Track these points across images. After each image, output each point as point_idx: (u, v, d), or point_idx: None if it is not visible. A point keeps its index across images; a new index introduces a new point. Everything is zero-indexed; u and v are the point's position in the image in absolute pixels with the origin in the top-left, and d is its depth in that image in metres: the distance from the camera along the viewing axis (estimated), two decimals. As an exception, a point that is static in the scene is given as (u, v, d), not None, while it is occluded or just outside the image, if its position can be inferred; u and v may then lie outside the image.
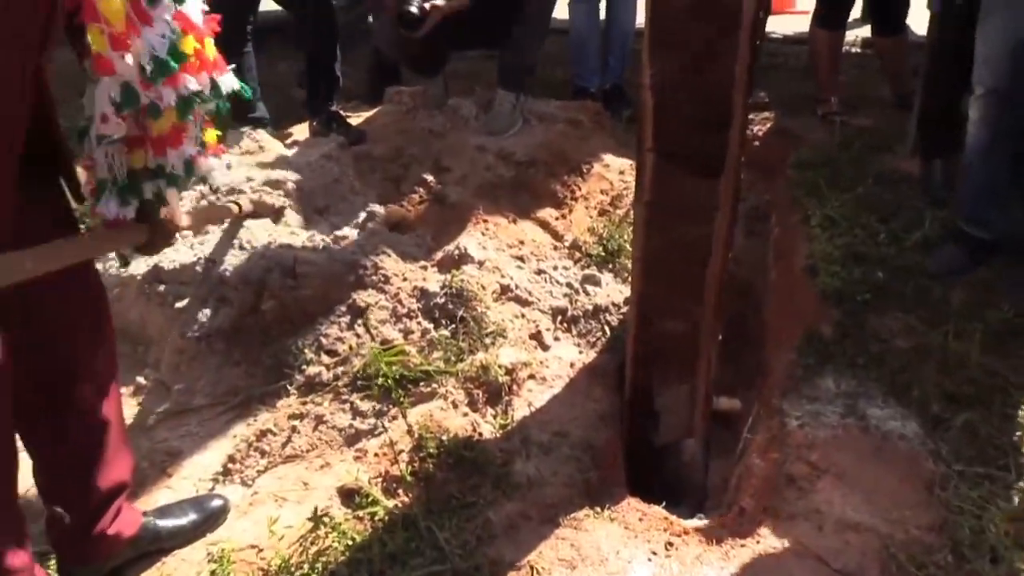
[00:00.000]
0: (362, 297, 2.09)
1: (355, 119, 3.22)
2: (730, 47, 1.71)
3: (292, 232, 2.30)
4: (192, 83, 1.35)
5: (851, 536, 1.66)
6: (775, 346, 2.35)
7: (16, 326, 1.18)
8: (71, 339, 1.36)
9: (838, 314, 2.26)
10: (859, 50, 4.38)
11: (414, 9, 2.66)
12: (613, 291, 2.36)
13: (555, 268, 2.41)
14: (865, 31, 4.17)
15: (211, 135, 1.55)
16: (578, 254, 2.54)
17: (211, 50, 1.39)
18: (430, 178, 2.69)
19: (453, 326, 2.06)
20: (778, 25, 5.17)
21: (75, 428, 1.43)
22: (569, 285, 2.35)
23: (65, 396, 1.40)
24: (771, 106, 3.69)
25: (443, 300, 2.10)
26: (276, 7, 3.17)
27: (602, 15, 3.60)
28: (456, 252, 2.29)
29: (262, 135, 2.83)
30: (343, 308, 2.09)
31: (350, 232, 2.35)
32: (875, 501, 1.74)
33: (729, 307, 2.50)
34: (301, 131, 3.21)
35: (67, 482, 1.46)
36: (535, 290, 2.30)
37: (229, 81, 1.45)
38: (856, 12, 3.71)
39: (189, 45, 1.32)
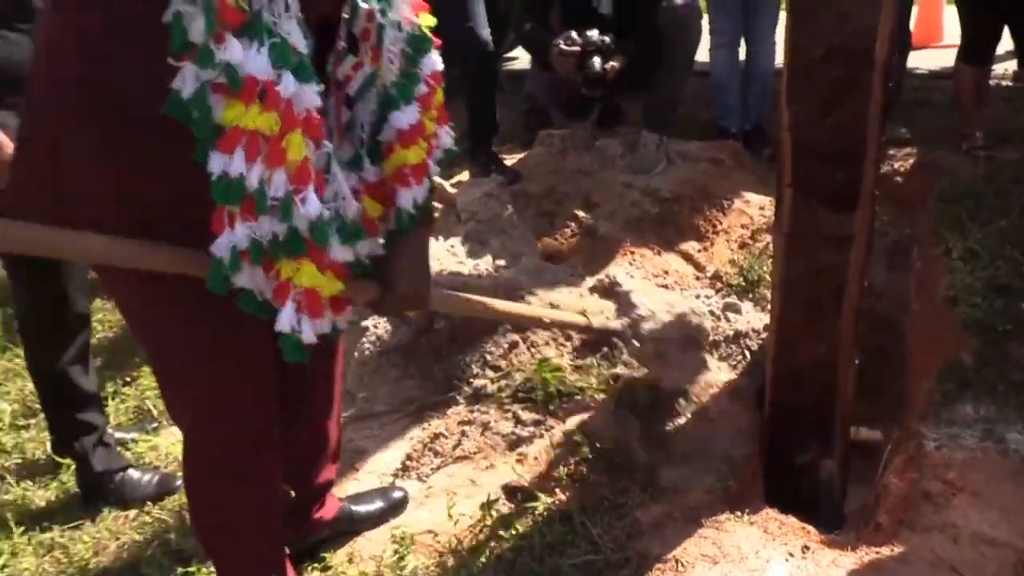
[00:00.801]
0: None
1: (510, 160, 3.52)
2: (863, 88, 1.87)
3: (460, 262, 2.59)
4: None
5: (986, 549, 1.74)
6: (916, 376, 2.43)
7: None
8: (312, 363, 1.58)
9: (979, 344, 2.32)
10: (1008, 83, 4.32)
11: (597, 69, 2.93)
12: (753, 318, 2.51)
13: (697, 296, 2.59)
14: (1013, 64, 4.12)
15: None
16: (719, 284, 2.72)
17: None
18: (581, 213, 2.94)
19: (605, 348, 2.28)
20: (924, 60, 5.13)
21: (306, 436, 1.73)
22: (711, 312, 2.52)
23: (301, 410, 1.66)
24: (913, 142, 3.73)
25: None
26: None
27: (741, 57, 3.78)
28: (606, 280, 2.51)
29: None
30: (505, 329, 2.35)
31: (511, 262, 2.62)
32: (1012, 519, 1.80)
33: (870, 340, 2.61)
34: (464, 174, 3.54)
35: (292, 478, 1.76)
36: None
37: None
38: (1005, 44, 3.71)
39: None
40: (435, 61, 1.36)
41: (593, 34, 2.99)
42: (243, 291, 1.14)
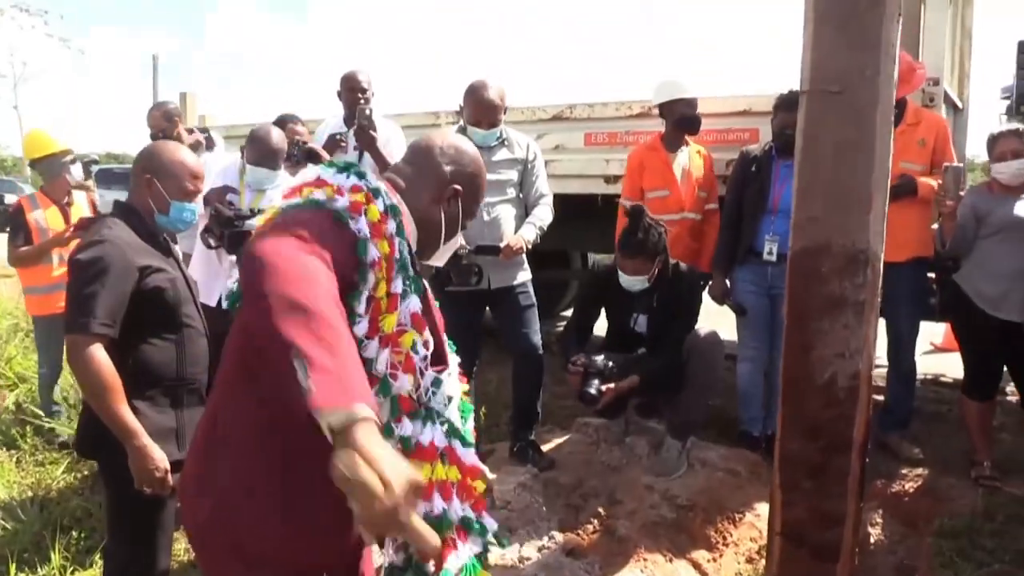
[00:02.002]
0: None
1: (546, 444, 3.90)
2: (842, 465, 2.22)
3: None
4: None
5: None
6: None
7: None
8: None
9: None
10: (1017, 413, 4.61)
11: (592, 391, 3.39)
12: (751, 636, 2.73)
13: (703, 608, 2.83)
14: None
15: None
16: (724, 597, 2.95)
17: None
18: (603, 511, 3.25)
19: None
20: (950, 366, 5.48)
21: None
22: (714, 627, 2.75)
23: None
24: (924, 463, 4.01)
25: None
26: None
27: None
28: (618, 586, 2.78)
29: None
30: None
31: (533, 555, 2.92)
32: None
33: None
34: (502, 448, 3.92)
35: None
36: (683, 627, 2.72)
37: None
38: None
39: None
40: None
41: (598, 359, 3.49)
42: None
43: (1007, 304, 3.57)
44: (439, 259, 1.69)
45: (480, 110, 3.67)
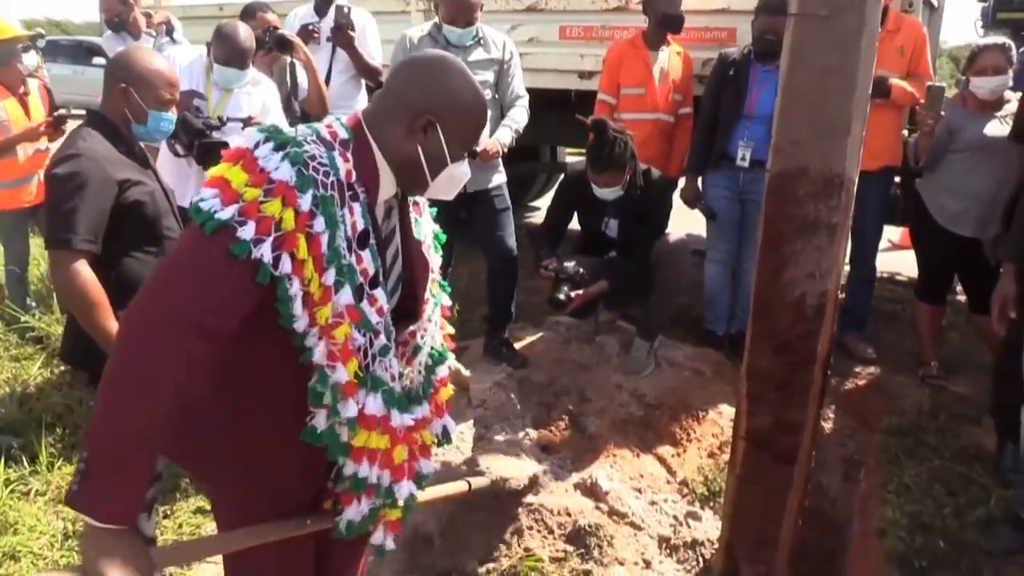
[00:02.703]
0: (515, 514, 2.78)
1: (519, 342, 4.02)
2: (806, 378, 2.35)
3: (460, 452, 3.04)
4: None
5: None
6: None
7: None
8: None
9: (899, 576, 2.73)
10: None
11: (562, 297, 3.48)
12: (710, 527, 2.93)
13: (665, 500, 3.02)
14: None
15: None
16: (686, 490, 3.15)
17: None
18: (575, 409, 3.41)
19: (583, 550, 2.71)
20: (907, 264, 5.65)
21: None
22: (675, 517, 2.94)
23: None
24: (877, 362, 4.22)
25: (579, 524, 2.76)
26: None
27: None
28: (589, 481, 2.95)
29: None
30: (499, 519, 2.78)
31: (511, 450, 3.07)
32: None
33: (823, 544, 3.02)
34: (476, 345, 4.03)
35: None
36: (647, 518, 2.91)
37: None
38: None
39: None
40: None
41: (570, 265, 3.57)
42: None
43: (965, 221, 3.66)
44: (443, 193, 1.61)
45: (457, 8, 3.57)
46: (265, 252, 1.33)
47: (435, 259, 1.78)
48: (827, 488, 3.45)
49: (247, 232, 1.32)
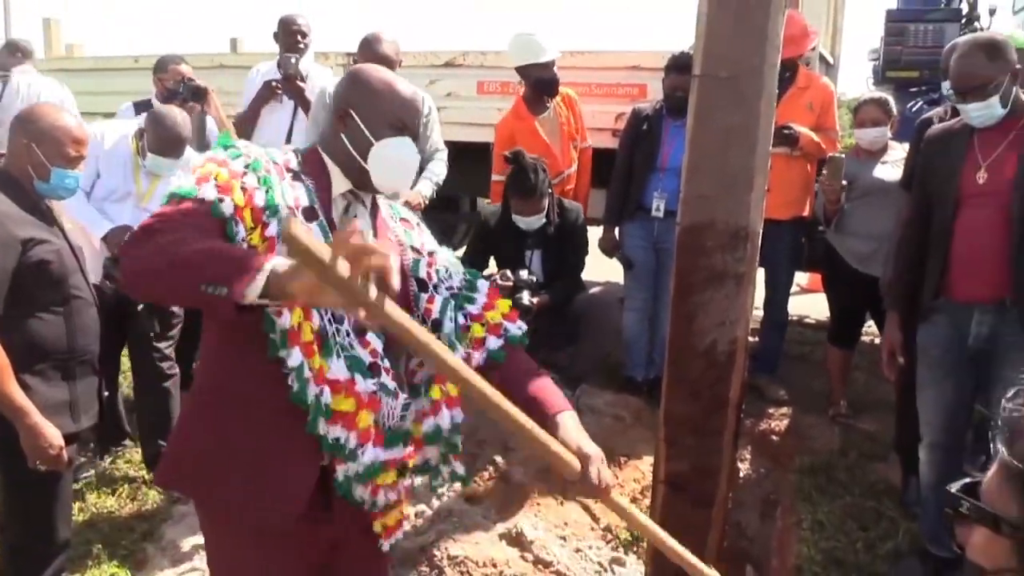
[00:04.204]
0: (440, 567, 2.76)
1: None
2: (720, 421, 2.43)
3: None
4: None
5: None
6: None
7: None
8: None
9: (815, 613, 2.81)
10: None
11: (526, 302, 3.53)
12: (634, 572, 2.96)
13: (590, 547, 3.04)
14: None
15: None
16: (609, 536, 3.18)
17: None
18: (499, 459, 3.41)
19: (508, 599, 2.70)
20: (815, 307, 5.91)
21: None
22: (600, 563, 2.97)
23: None
24: (788, 403, 4.37)
25: (505, 574, 2.75)
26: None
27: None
28: (515, 530, 2.95)
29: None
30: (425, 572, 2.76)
31: (432, 502, 3.05)
32: None
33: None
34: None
35: None
36: (573, 566, 2.92)
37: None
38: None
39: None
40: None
41: (523, 273, 3.63)
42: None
43: (875, 261, 3.86)
44: (392, 181, 1.68)
45: (374, 62, 3.61)
46: (207, 192, 1.47)
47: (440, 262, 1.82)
48: (745, 527, 3.54)
49: (191, 180, 1.50)
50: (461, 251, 7.70)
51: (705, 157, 2.26)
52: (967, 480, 0.90)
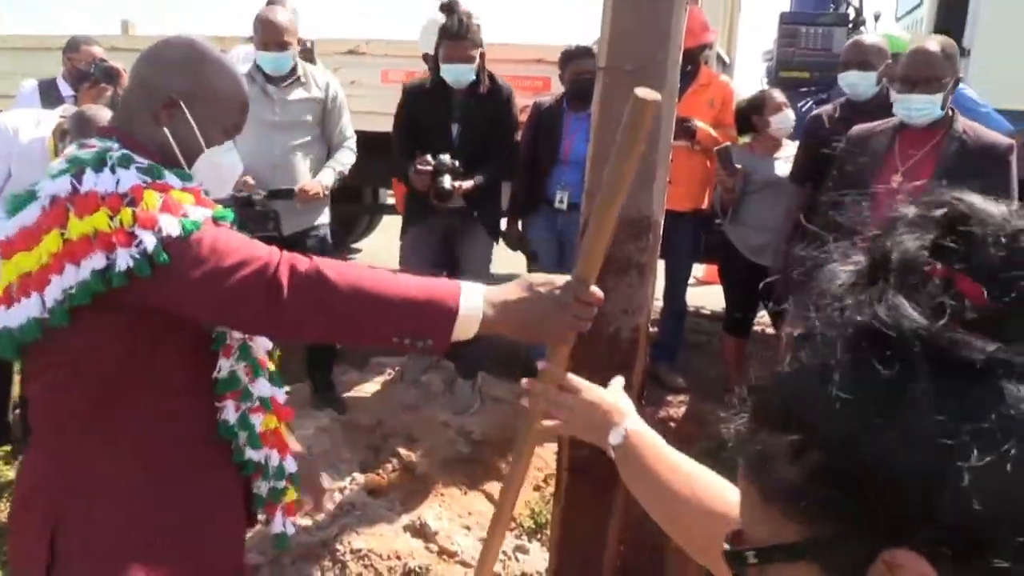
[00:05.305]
0: (343, 561, 2.72)
1: (343, 386, 3.96)
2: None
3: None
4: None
5: None
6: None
7: None
8: None
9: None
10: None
11: (447, 186, 3.47)
12: (538, 560, 2.99)
13: (495, 536, 3.05)
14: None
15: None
16: (513, 524, 3.20)
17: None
18: (403, 451, 3.39)
19: (413, 590, 2.69)
20: (711, 299, 6.10)
21: None
22: (504, 552, 2.99)
23: None
24: (687, 390, 4.50)
25: (409, 566, 2.74)
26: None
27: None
28: (419, 522, 2.94)
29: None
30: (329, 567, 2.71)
31: (336, 497, 3.01)
32: None
33: (644, 565, 3.15)
34: (300, 389, 3.92)
35: None
36: (477, 556, 2.92)
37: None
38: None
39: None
40: None
41: (445, 157, 3.55)
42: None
43: (766, 252, 4.02)
44: (211, 186, 1.45)
45: (266, 31, 3.51)
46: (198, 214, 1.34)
47: None
48: (645, 512, 3.63)
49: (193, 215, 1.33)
50: (364, 241, 7.67)
51: (609, 148, 2.30)
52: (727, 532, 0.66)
